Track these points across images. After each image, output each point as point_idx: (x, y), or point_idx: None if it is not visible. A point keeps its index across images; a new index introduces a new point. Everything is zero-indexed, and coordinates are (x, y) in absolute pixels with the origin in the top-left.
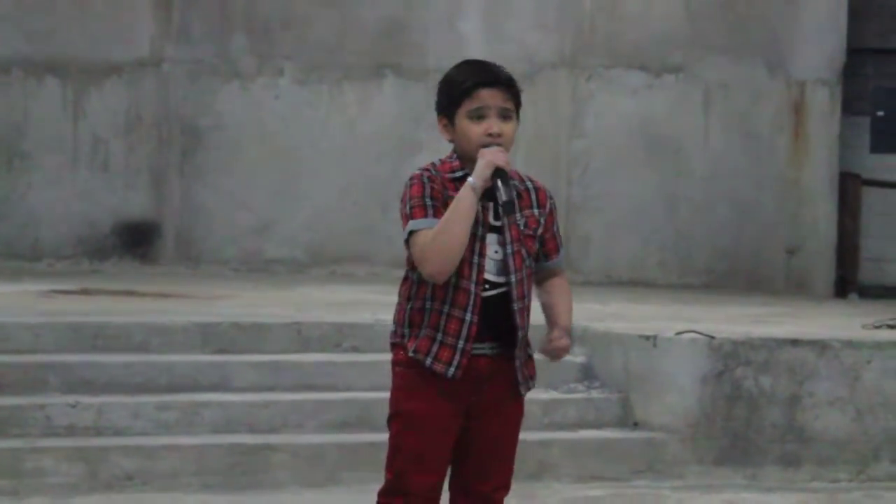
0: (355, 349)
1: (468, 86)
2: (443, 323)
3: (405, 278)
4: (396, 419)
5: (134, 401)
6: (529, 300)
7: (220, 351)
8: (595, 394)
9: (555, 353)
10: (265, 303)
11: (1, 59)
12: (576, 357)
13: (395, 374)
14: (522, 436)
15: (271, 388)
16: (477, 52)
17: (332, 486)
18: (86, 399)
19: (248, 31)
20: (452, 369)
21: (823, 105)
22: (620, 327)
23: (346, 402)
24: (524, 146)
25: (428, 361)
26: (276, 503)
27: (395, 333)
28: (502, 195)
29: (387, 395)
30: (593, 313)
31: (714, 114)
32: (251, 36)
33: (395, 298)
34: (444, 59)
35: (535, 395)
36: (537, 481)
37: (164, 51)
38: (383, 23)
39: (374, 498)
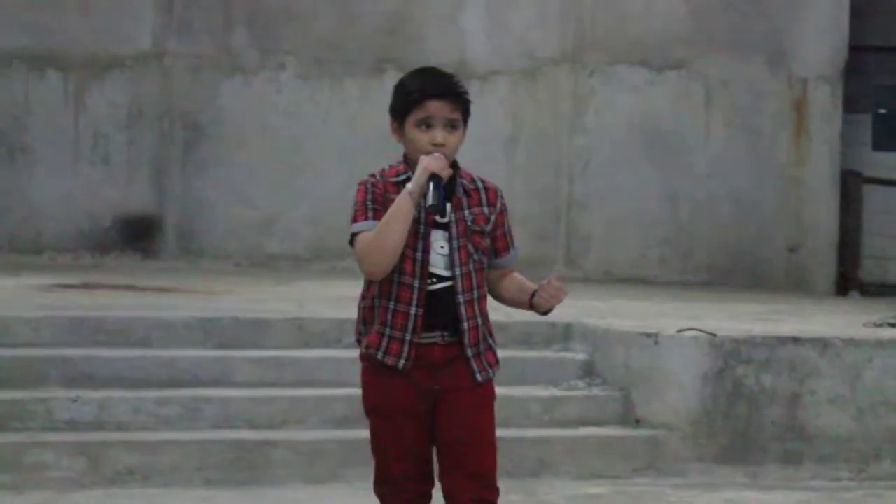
0: (356, 345)
1: (417, 96)
2: (389, 318)
3: (364, 280)
4: (369, 414)
5: (135, 395)
6: (481, 293)
7: (222, 346)
8: (596, 391)
9: (552, 293)
10: (266, 298)
11: (2, 52)
12: (577, 354)
13: (361, 371)
14: (522, 433)
15: (272, 384)
16: (478, 48)
17: (332, 482)
18: (87, 393)
19: (250, 26)
20: (402, 361)
21: (825, 102)
22: (622, 325)
23: (347, 398)
24: (525, 142)
25: (379, 355)
26: (277, 499)
27: (355, 331)
28: (429, 199)
29: None
30: (594, 310)
31: (715, 111)
32: (253, 30)
33: None
34: (446, 55)
35: (535, 392)
36: (537, 479)
37: (166, 44)
38: (385, 18)
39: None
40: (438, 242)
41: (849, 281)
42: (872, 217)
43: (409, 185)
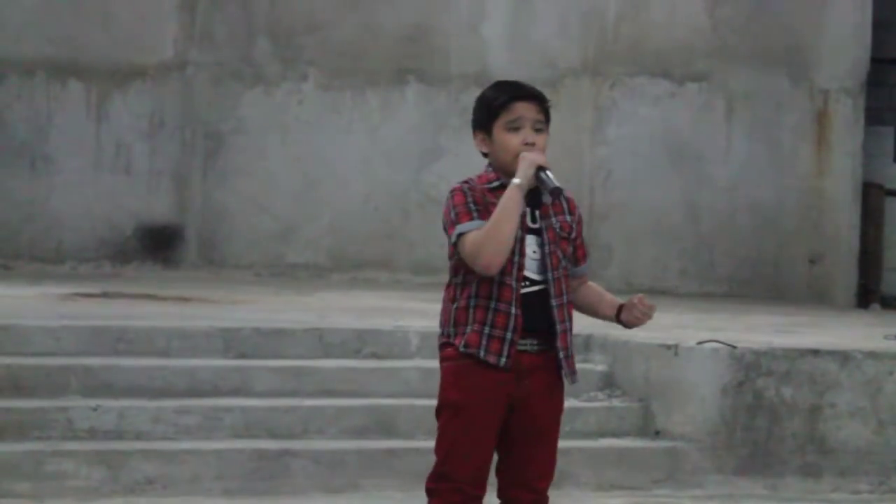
0: (376, 356)
1: (505, 100)
2: (490, 317)
3: (448, 284)
4: (444, 410)
5: (155, 405)
6: (568, 298)
7: (242, 356)
8: (616, 402)
9: (643, 311)
10: (286, 308)
11: (25, 61)
12: (597, 365)
13: (442, 370)
14: None
15: (292, 394)
16: (500, 59)
17: (351, 492)
18: (107, 402)
19: (271, 36)
20: (504, 359)
21: (847, 115)
22: (642, 336)
23: (367, 408)
24: (546, 153)
25: (481, 353)
26: None
27: (441, 334)
28: (552, 182)
29: (407, 401)
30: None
31: (737, 122)
32: (275, 41)
33: (416, 305)
34: (467, 66)
35: None
36: (557, 489)
37: (187, 55)
38: (407, 29)
39: None
40: (531, 247)
41: (870, 293)
42: (894, 229)
43: (515, 180)
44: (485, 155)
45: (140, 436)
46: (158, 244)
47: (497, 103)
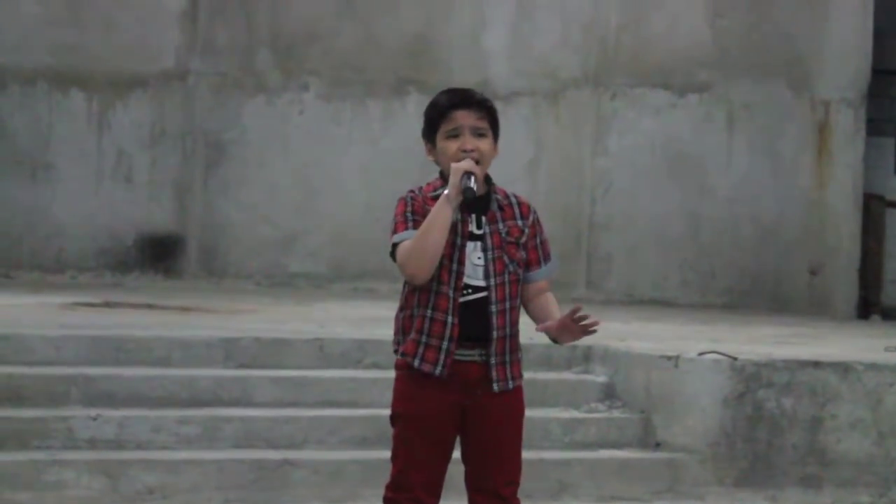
0: (377, 366)
1: (443, 108)
2: (427, 326)
3: (401, 292)
4: (396, 421)
5: (155, 414)
6: (514, 304)
7: (242, 366)
8: (616, 414)
9: (579, 326)
10: (287, 318)
11: (27, 71)
12: (597, 376)
13: (395, 378)
14: (542, 455)
15: (293, 404)
16: (501, 70)
17: (352, 502)
18: (107, 412)
19: (273, 46)
20: (439, 368)
21: (848, 126)
22: (642, 347)
23: (368, 418)
24: (547, 163)
25: (416, 363)
26: None
27: (393, 341)
28: (470, 187)
29: None
30: (615, 332)
31: (738, 133)
32: (276, 50)
33: None
34: (469, 76)
35: (555, 415)
36: (557, 500)
37: (189, 64)
38: (407, 38)
39: None
40: (475, 254)
41: (870, 305)
42: (894, 241)
43: (445, 191)
44: (435, 162)
45: (140, 445)
46: (159, 254)
47: (435, 113)
